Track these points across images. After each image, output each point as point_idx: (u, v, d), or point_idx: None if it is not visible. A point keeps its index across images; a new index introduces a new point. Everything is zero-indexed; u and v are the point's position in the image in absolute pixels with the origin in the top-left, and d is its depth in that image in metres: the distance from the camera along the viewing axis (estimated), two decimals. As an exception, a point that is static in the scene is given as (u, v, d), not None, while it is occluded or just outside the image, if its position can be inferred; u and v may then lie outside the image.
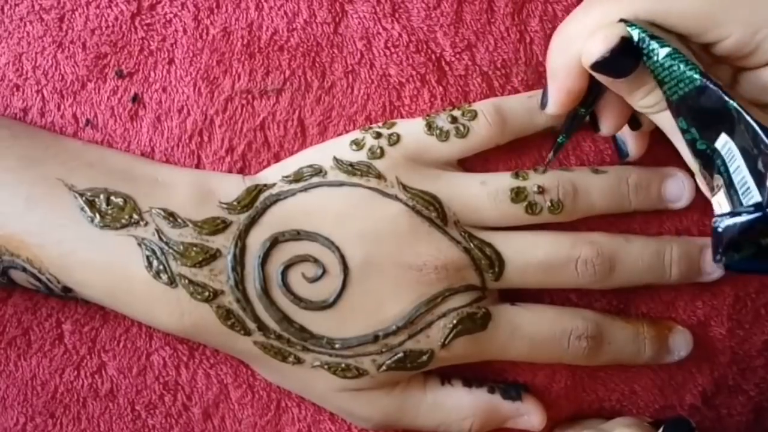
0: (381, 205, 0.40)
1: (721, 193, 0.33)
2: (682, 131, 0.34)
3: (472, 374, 0.43)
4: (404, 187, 0.40)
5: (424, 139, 0.41)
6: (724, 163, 0.33)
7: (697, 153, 0.34)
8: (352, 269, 0.39)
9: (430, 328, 0.40)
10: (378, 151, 0.40)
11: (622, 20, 0.34)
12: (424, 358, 0.40)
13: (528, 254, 0.41)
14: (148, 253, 0.38)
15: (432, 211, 0.40)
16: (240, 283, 0.39)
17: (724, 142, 0.33)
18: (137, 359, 0.43)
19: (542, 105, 0.39)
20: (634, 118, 0.40)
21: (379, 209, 0.40)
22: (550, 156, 0.41)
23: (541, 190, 0.41)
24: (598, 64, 0.34)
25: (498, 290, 0.42)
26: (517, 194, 0.41)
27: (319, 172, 0.40)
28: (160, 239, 0.38)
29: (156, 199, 0.39)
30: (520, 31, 0.43)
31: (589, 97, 0.38)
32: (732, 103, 0.32)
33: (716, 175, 0.34)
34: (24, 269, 0.39)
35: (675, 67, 0.33)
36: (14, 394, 0.43)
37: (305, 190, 0.40)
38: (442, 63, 0.43)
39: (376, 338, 0.39)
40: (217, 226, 0.39)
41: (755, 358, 0.46)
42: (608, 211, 0.42)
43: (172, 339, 0.43)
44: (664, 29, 0.34)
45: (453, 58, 0.43)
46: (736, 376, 0.46)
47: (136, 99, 0.42)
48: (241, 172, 0.42)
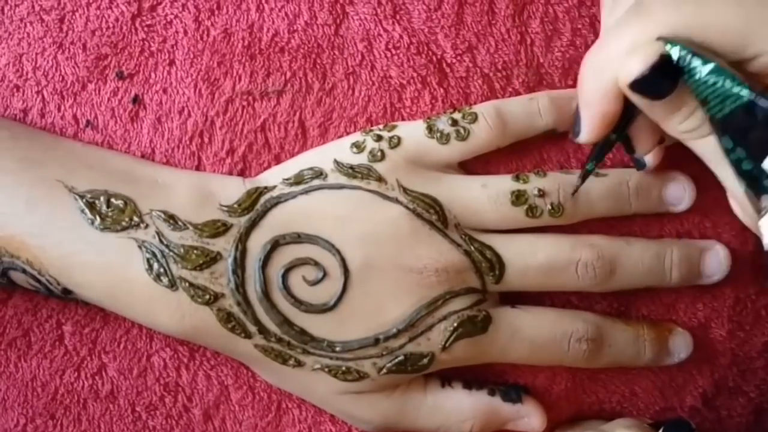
0: (381, 207, 0.40)
1: None
2: (727, 151, 0.33)
3: (473, 376, 0.43)
4: (405, 190, 0.40)
5: (425, 142, 0.41)
6: None
7: (742, 173, 0.33)
8: (353, 272, 0.39)
9: (430, 331, 0.40)
10: (379, 154, 0.40)
11: (660, 38, 0.33)
12: (425, 361, 0.40)
13: (528, 257, 0.41)
14: (148, 256, 0.38)
15: (433, 214, 0.40)
16: (240, 286, 0.38)
17: None
18: (138, 361, 0.43)
19: (575, 134, 0.37)
20: None
21: (379, 212, 0.40)
22: (578, 182, 0.40)
23: (542, 194, 0.41)
24: (637, 84, 0.32)
25: (498, 293, 0.42)
26: (518, 197, 0.41)
27: (319, 174, 0.40)
28: (161, 242, 0.38)
29: (156, 201, 0.39)
30: (521, 33, 0.43)
31: (621, 122, 0.36)
32: None
33: (764, 196, 0.32)
34: (24, 271, 0.39)
35: (720, 84, 0.31)
36: (14, 396, 0.43)
37: (306, 192, 0.40)
38: (443, 65, 0.43)
39: (376, 341, 0.39)
40: (218, 229, 0.39)
41: (755, 359, 0.46)
42: (608, 214, 0.42)
43: (173, 340, 0.43)
44: (700, 47, 0.33)
45: (454, 60, 0.43)
46: (737, 378, 0.46)
47: (137, 100, 0.42)
48: (242, 174, 0.42)
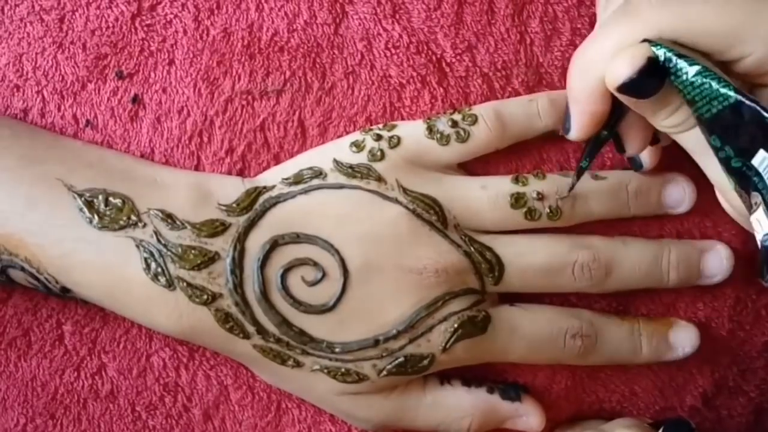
0: (381, 207, 0.40)
1: (761, 211, 0.33)
2: (716, 149, 0.33)
3: (473, 375, 0.43)
4: (404, 190, 0.40)
5: (425, 143, 0.41)
6: (763, 180, 0.32)
7: (732, 171, 0.33)
8: (352, 272, 0.39)
9: (430, 332, 0.40)
10: (378, 154, 0.40)
11: (645, 40, 0.33)
12: (425, 362, 0.40)
13: (527, 258, 0.41)
14: (146, 255, 0.38)
15: (432, 214, 0.40)
16: (239, 287, 0.38)
17: (762, 159, 0.32)
18: (137, 360, 0.43)
19: (565, 131, 0.37)
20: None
21: (379, 212, 0.40)
22: (573, 180, 0.40)
23: (541, 197, 0.41)
24: (624, 86, 0.33)
25: (497, 293, 0.42)
26: (517, 200, 0.41)
27: (319, 174, 0.40)
28: (159, 241, 0.38)
29: (154, 200, 0.39)
30: (520, 33, 0.43)
31: (611, 119, 0.36)
32: None
33: (754, 193, 0.33)
34: (23, 269, 0.39)
35: (706, 85, 0.32)
36: (14, 395, 0.43)
37: (305, 192, 0.40)
38: (442, 64, 0.43)
39: (376, 342, 0.39)
40: (216, 229, 0.39)
41: (756, 359, 0.46)
42: (607, 216, 0.42)
43: (172, 340, 0.43)
44: (686, 47, 0.33)
45: (453, 60, 0.43)
46: (737, 378, 0.46)
47: (136, 100, 0.42)
48: (241, 173, 0.42)
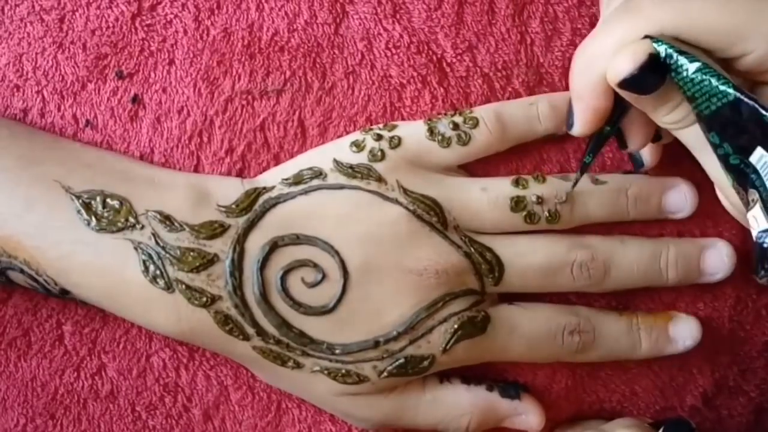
0: (381, 208, 0.40)
1: (758, 208, 0.33)
2: (714, 146, 0.33)
3: (472, 374, 0.43)
4: (405, 191, 0.40)
5: (426, 144, 0.41)
6: (760, 177, 0.32)
7: (730, 168, 0.33)
8: (352, 273, 0.39)
9: (431, 333, 0.40)
10: (379, 154, 0.40)
11: (646, 36, 0.33)
12: (426, 363, 0.40)
13: (526, 259, 0.41)
14: (144, 258, 0.38)
15: (433, 215, 0.40)
16: (238, 289, 0.38)
17: (760, 156, 0.32)
18: (137, 361, 0.43)
19: (568, 126, 0.37)
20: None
21: (379, 213, 0.39)
22: (577, 175, 0.40)
23: (540, 201, 0.41)
24: (626, 82, 0.33)
25: (497, 293, 0.42)
26: (517, 203, 0.40)
27: (318, 174, 0.40)
28: (157, 243, 0.38)
29: (152, 202, 0.39)
30: (521, 33, 0.43)
31: (614, 115, 0.37)
32: None
33: (751, 190, 0.33)
34: (22, 270, 0.39)
35: (706, 82, 0.32)
36: (14, 395, 0.43)
37: (305, 193, 0.40)
38: (443, 64, 0.43)
39: (376, 344, 0.39)
40: (215, 230, 0.39)
41: (756, 359, 0.46)
42: (606, 220, 0.42)
43: (172, 341, 0.43)
44: (688, 44, 0.33)
45: (454, 60, 0.43)
46: (737, 377, 0.46)
47: (136, 100, 0.42)
48: (241, 173, 0.42)
